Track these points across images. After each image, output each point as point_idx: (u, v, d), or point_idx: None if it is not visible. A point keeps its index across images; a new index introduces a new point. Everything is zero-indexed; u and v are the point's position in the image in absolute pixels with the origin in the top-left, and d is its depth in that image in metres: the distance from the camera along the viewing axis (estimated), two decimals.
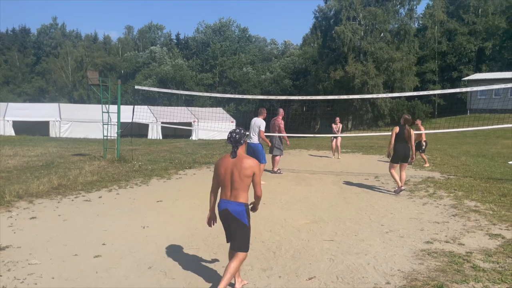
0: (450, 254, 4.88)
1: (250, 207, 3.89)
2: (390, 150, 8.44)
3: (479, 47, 47.07)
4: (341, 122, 15.10)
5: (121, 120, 11.86)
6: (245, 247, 3.79)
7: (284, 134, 10.54)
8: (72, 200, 7.38)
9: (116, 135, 12.04)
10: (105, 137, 11.98)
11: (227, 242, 3.97)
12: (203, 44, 65.13)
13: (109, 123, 11.69)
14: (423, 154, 12.24)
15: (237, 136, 3.79)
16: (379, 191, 8.60)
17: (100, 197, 7.67)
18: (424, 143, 12.20)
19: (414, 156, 8.53)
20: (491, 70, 44.54)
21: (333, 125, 14.53)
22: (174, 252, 4.97)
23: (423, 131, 12.31)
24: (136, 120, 12.15)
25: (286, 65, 59.60)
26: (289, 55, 62.31)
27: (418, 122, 12.79)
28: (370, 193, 8.45)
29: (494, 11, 47.09)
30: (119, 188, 8.40)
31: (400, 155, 8.29)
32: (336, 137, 14.25)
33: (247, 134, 9.06)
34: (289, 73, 58.78)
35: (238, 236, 3.77)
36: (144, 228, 5.87)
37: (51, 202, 7.18)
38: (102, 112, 11.81)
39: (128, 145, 14.93)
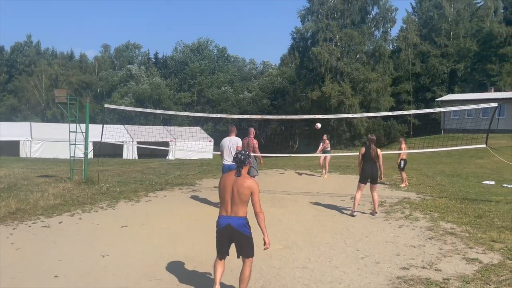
0: (426, 282, 4.66)
1: (263, 246, 4.17)
2: (360, 170, 8.33)
3: (451, 69, 48.43)
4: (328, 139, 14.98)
5: (95, 140, 11.40)
6: (251, 253, 4.15)
7: (259, 154, 10.27)
8: (29, 226, 6.88)
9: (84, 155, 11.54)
10: (72, 158, 11.46)
11: (220, 257, 4.19)
12: (181, 63, 64.99)
13: (81, 143, 11.20)
14: (403, 173, 12.07)
15: (242, 157, 4.11)
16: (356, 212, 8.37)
17: (60, 222, 7.19)
18: (402, 162, 12.04)
19: (382, 176, 8.42)
20: (463, 91, 45.78)
21: (322, 144, 14.46)
22: (133, 284, 4.58)
23: (403, 151, 12.16)
24: (105, 140, 11.69)
25: (264, 85, 59.91)
26: (268, 75, 62.75)
27: (402, 140, 12.68)
28: (346, 215, 8.23)
29: (465, 34, 48.71)
30: (83, 213, 7.92)
31: (367, 175, 8.15)
32: (325, 155, 14.22)
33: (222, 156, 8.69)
34: (268, 92, 59.07)
35: (244, 247, 4.09)
36: (103, 257, 5.45)
37: (5, 229, 6.66)
38: (70, 131, 11.34)
39: (98, 165, 14.40)
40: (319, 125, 14.52)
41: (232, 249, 4.24)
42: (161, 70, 67.87)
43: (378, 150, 8.23)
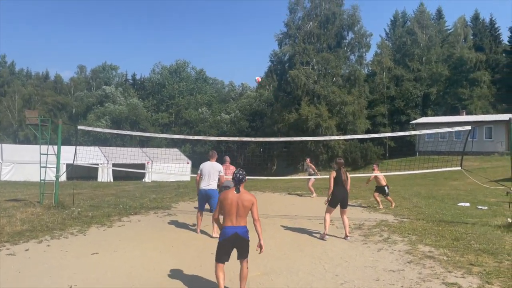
0: None
1: (257, 248, 4.99)
2: (330, 195, 8.22)
3: (424, 93, 49.88)
4: (311, 162, 15.44)
5: (68, 162, 11.05)
6: (248, 254, 4.95)
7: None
8: None
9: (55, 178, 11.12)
10: (42, 181, 11.04)
11: (220, 263, 4.89)
12: (159, 85, 64.80)
13: (53, 165, 10.82)
14: (389, 197, 12.24)
15: (240, 176, 4.96)
16: (334, 236, 8.27)
17: (26, 250, 6.81)
18: (386, 187, 12.17)
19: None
20: (436, 114, 47.09)
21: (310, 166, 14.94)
22: None
23: (374, 174, 12.25)
24: (79, 162, 11.33)
25: (243, 107, 60.16)
26: (246, 97, 63.14)
27: (375, 166, 12.72)
28: (325, 239, 8.11)
29: (436, 59, 50.45)
30: (51, 239, 7.54)
31: (338, 199, 8.11)
32: (309, 178, 14.62)
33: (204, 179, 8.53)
34: (246, 114, 59.30)
35: (244, 250, 4.90)
36: (70, 287, 5.14)
37: None
38: (40, 153, 10.95)
39: (71, 189, 13.91)
40: (259, 79, 15.09)
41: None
42: (138, 91, 67.45)
43: (348, 174, 8.27)
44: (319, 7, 46.52)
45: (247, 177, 5.11)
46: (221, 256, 4.85)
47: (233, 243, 4.83)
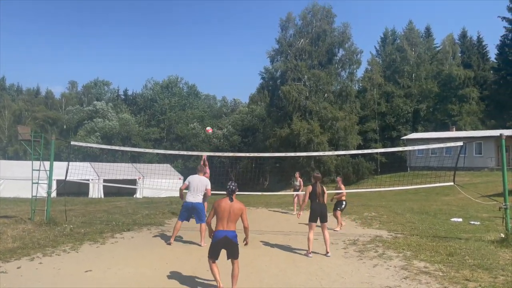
0: None
1: (244, 243, 5.90)
2: (303, 208, 8.74)
3: (415, 109, 50.49)
4: (301, 177, 15.38)
5: (59, 178, 10.95)
6: (238, 255, 5.64)
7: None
8: None
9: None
10: (33, 197, 10.90)
11: (213, 260, 5.64)
12: (150, 100, 64.86)
13: (45, 182, 10.70)
14: (338, 213, 11.14)
15: (233, 187, 5.75)
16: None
17: (18, 267, 6.69)
18: (344, 203, 11.35)
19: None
20: (426, 130, 47.61)
21: (298, 181, 14.85)
22: None
23: (343, 191, 11.56)
24: (70, 178, 11.23)
25: (235, 122, 60.34)
26: (239, 113, 63.39)
27: (339, 179, 11.94)
28: (320, 255, 8.10)
29: (426, 76, 51.25)
30: (43, 256, 7.42)
31: (317, 213, 8.17)
32: (297, 194, 14.29)
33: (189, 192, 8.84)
34: (239, 129, 59.42)
35: (234, 251, 5.60)
36: None
37: None
38: (32, 169, 10.84)
39: (62, 205, 13.69)
40: (210, 130, 15.28)
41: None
42: (130, 107, 67.40)
43: (324, 188, 8.41)
44: (310, 24, 47.29)
45: (238, 189, 5.89)
46: (212, 254, 5.60)
47: (223, 245, 5.53)
